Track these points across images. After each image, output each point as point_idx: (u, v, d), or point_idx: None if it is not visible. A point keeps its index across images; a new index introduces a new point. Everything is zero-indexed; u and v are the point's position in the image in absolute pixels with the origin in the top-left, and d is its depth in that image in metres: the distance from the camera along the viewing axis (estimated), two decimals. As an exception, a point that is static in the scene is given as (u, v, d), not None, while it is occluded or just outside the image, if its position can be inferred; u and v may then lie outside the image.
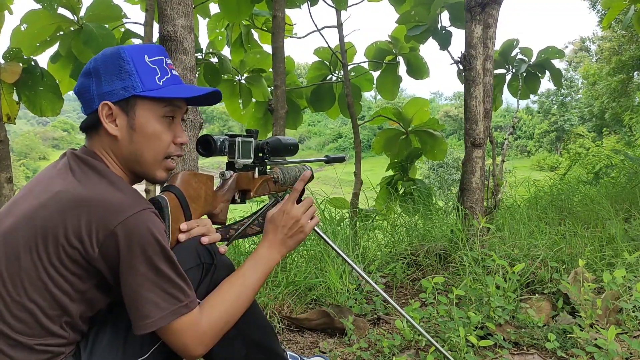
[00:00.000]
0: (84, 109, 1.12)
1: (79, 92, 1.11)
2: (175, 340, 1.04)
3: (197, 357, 1.10)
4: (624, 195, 4.14)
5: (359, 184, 4.31)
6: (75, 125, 54.69)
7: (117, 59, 1.08)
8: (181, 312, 1.02)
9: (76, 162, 1.07)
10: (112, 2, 3.62)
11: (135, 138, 1.10)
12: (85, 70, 1.10)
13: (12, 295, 0.98)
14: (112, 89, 1.07)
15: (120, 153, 1.11)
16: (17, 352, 0.97)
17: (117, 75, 1.07)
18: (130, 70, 1.07)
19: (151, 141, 1.11)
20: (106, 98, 1.07)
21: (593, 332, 1.88)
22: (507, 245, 2.78)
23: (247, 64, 4.71)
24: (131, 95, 1.07)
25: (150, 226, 1.00)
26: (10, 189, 2.95)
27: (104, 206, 0.98)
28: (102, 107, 1.07)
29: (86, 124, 1.13)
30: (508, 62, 5.23)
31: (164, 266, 1.01)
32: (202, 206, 1.25)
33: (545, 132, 38.21)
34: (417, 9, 4.29)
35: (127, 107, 1.08)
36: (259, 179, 1.43)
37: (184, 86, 1.16)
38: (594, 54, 28.78)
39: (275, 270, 2.46)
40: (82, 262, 0.99)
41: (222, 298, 1.14)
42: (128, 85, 1.07)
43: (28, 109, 3.42)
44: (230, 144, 1.32)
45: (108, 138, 1.10)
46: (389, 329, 2.19)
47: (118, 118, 1.08)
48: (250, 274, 1.20)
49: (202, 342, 1.08)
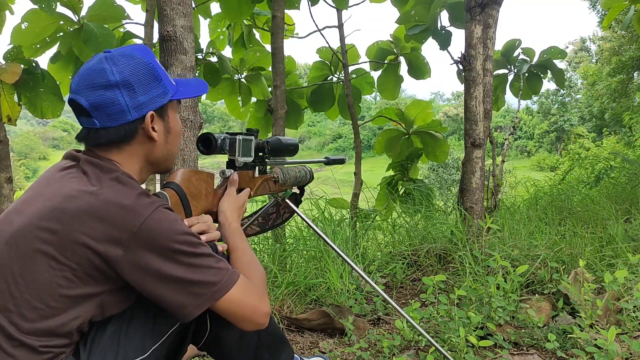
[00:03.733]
0: (106, 122, 1.05)
1: (97, 106, 1.04)
2: (242, 306, 1.08)
3: (267, 316, 1.14)
4: (624, 195, 4.14)
5: (359, 184, 4.31)
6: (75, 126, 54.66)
7: (145, 66, 1.08)
8: (233, 280, 1.07)
9: (90, 168, 1.06)
10: (114, 2, 3.63)
11: (169, 139, 1.16)
12: (105, 83, 1.03)
13: (24, 296, 0.97)
14: (149, 98, 1.08)
15: (154, 156, 1.15)
16: (19, 352, 0.97)
17: (151, 84, 1.09)
18: (159, 77, 1.11)
19: (178, 137, 1.21)
20: (147, 108, 1.08)
21: (593, 333, 1.88)
22: (507, 246, 2.78)
23: (247, 63, 4.71)
24: (168, 101, 1.12)
25: (170, 219, 1.03)
26: (10, 189, 2.95)
27: (123, 210, 0.99)
28: (149, 117, 1.09)
29: (115, 136, 1.07)
30: (510, 63, 5.23)
31: (192, 252, 1.03)
32: (203, 203, 1.25)
33: (545, 132, 38.24)
34: (417, 9, 4.29)
35: (162, 112, 1.13)
36: (259, 178, 1.43)
37: (188, 84, 1.22)
38: (594, 54, 28.78)
39: (276, 270, 2.47)
40: (101, 265, 0.98)
41: (246, 260, 1.22)
42: (163, 92, 1.11)
43: (29, 110, 3.42)
44: (230, 142, 1.33)
45: (145, 145, 1.12)
46: (389, 329, 2.19)
47: (157, 124, 1.12)
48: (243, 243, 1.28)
49: (262, 298, 1.13)
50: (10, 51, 3.36)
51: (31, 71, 3.31)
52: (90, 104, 1.04)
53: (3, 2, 3.29)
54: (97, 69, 1.04)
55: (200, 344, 1.25)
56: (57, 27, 3.56)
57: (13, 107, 3.31)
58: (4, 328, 0.97)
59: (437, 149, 4.73)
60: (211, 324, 1.21)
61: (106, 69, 1.04)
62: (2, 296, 0.98)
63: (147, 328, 1.09)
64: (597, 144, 18.15)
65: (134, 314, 1.08)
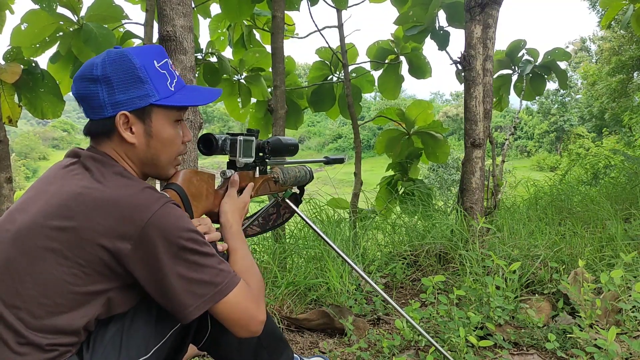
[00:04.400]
0: (90, 114, 1.09)
1: (83, 97, 1.08)
2: (239, 311, 1.08)
3: (262, 323, 1.13)
4: (624, 195, 4.14)
5: (359, 184, 4.31)
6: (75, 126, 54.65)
7: (128, 66, 1.06)
8: (234, 283, 1.07)
9: (92, 163, 1.06)
10: (113, 2, 3.63)
11: (152, 144, 1.12)
12: (90, 76, 1.06)
13: (31, 293, 0.97)
14: (127, 97, 1.06)
15: (136, 158, 1.12)
16: (25, 350, 0.97)
17: (132, 84, 1.06)
18: (145, 79, 1.07)
19: (167, 145, 1.14)
20: (122, 107, 1.06)
21: (593, 333, 1.88)
22: (507, 246, 2.78)
23: (246, 63, 4.71)
24: (149, 104, 1.09)
25: (177, 215, 1.03)
26: (10, 189, 2.95)
27: (131, 204, 0.99)
28: (119, 117, 1.06)
29: (95, 129, 1.10)
30: (514, 63, 5.23)
31: (197, 250, 1.03)
32: (204, 204, 1.25)
33: (545, 132, 38.25)
34: (414, 10, 4.29)
35: (143, 115, 1.09)
36: (259, 178, 1.44)
37: (194, 91, 1.19)
38: (594, 54, 28.78)
39: (275, 270, 2.47)
40: (110, 261, 0.99)
41: (246, 265, 1.20)
42: (144, 94, 1.08)
43: (29, 111, 3.41)
44: (231, 143, 1.33)
45: (123, 144, 1.10)
46: (389, 329, 2.19)
47: (134, 126, 1.09)
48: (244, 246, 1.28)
49: (260, 305, 1.13)
50: (10, 51, 3.35)
51: (31, 71, 3.31)
52: (78, 93, 1.09)
53: (3, 2, 3.29)
54: (91, 62, 1.07)
55: (200, 344, 1.25)
56: (56, 28, 3.56)
57: (14, 108, 3.30)
58: (11, 325, 0.97)
59: (437, 150, 4.73)
60: (212, 325, 1.21)
61: (95, 63, 1.06)
62: (10, 293, 0.98)
63: (150, 328, 1.10)
64: (597, 144, 18.16)
65: (137, 314, 1.08)
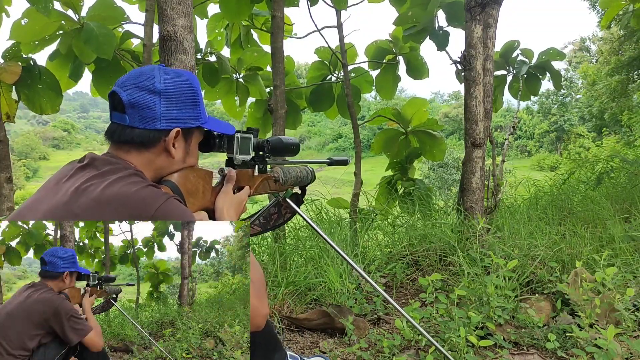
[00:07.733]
0: (136, 122, 1.11)
1: (136, 104, 1.10)
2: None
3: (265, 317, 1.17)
4: (624, 195, 4.14)
5: (359, 184, 4.31)
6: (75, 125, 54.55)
7: (190, 88, 1.15)
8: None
9: (104, 165, 1.09)
10: (114, 3, 3.62)
11: (187, 160, 1.21)
12: (151, 88, 1.10)
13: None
14: (182, 116, 1.15)
15: (170, 170, 1.18)
16: None
17: (188, 105, 1.15)
18: (198, 102, 1.17)
19: (194, 162, 1.25)
20: (176, 124, 1.14)
21: (593, 332, 1.88)
22: (507, 245, 2.78)
23: (244, 62, 4.70)
24: (197, 126, 1.17)
25: (181, 210, 1.06)
26: (10, 189, 2.95)
27: (139, 199, 1.02)
28: (174, 132, 1.14)
29: (138, 137, 1.12)
30: (509, 64, 5.22)
31: None
32: (200, 201, 1.25)
33: (545, 132, 38.26)
34: (413, 10, 4.28)
35: (188, 134, 1.19)
36: (258, 177, 1.43)
37: (217, 121, 1.28)
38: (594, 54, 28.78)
39: (275, 270, 2.47)
40: None
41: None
42: (196, 116, 1.17)
43: (28, 107, 3.42)
44: (229, 140, 1.33)
45: (162, 156, 1.15)
46: (389, 329, 2.18)
47: (178, 142, 1.16)
48: None
49: (262, 299, 1.15)
50: (9, 49, 3.35)
51: (29, 69, 3.32)
52: (129, 100, 1.10)
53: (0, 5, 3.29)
54: (149, 74, 1.12)
55: None
56: (57, 26, 3.55)
57: (11, 104, 3.30)
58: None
59: (434, 148, 4.73)
60: None
61: (155, 76, 1.12)
62: None
63: None
64: (597, 143, 18.15)
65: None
